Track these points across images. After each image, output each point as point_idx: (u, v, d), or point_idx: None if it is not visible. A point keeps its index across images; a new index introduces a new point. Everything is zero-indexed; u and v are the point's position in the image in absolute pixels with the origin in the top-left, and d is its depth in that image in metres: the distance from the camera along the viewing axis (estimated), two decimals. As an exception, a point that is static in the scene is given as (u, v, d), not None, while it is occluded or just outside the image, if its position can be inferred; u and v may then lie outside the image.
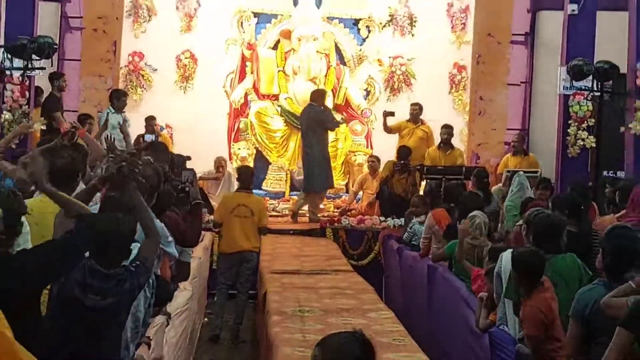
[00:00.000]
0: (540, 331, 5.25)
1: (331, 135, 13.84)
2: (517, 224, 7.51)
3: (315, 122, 13.03)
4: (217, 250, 10.34)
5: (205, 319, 10.13)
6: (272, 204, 13.54)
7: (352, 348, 3.10)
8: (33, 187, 5.54)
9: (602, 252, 4.86)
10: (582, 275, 5.74)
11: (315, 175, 12.88)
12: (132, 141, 10.83)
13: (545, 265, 5.52)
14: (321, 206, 13.30)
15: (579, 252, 6.01)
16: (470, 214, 7.84)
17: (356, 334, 3.18)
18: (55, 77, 12.30)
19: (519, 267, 5.42)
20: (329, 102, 14.24)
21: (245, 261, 9.85)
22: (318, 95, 13.27)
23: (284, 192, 14.35)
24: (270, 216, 12.45)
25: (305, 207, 13.13)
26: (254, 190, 11.09)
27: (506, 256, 6.18)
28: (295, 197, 13.63)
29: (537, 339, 5.29)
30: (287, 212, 13.32)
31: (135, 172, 4.70)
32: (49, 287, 4.27)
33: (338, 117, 14.19)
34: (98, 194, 5.19)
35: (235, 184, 11.34)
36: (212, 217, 10.57)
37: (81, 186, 5.46)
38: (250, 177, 10.61)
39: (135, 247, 4.53)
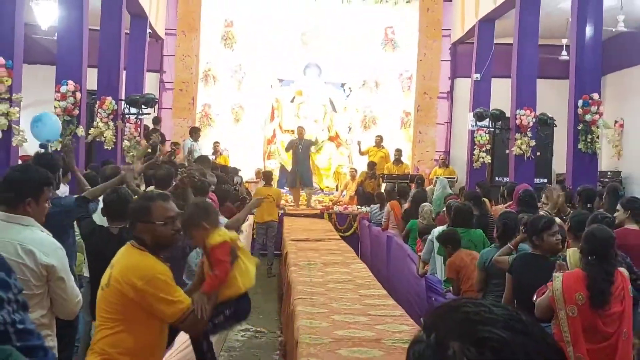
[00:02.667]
0: (454, 275, 5.28)
1: (328, 154, 13.86)
2: (442, 210, 7.51)
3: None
4: (254, 221, 10.34)
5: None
6: (289, 197, 13.52)
7: None
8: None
9: (496, 228, 4.88)
10: (484, 243, 5.73)
11: (303, 177, 12.88)
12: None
13: (462, 236, 5.55)
14: (320, 199, 13.29)
15: (480, 227, 6.01)
16: (423, 206, 7.84)
17: None
18: (156, 122, 12.28)
19: (445, 240, 5.45)
20: (325, 135, 14.39)
21: (270, 227, 10.20)
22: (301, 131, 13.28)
23: (297, 191, 14.34)
24: (289, 206, 12.56)
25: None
26: (279, 189, 11.29)
27: (436, 230, 6.19)
28: (303, 194, 13.63)
29: (452, 280, 5.33)
30: (300, 203, 13.29)
31: (190, 180, 4.68)
32: None
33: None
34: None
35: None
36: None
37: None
38: (270, 177, 10.94)
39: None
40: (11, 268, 1.51)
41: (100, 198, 4.26)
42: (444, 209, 7.22)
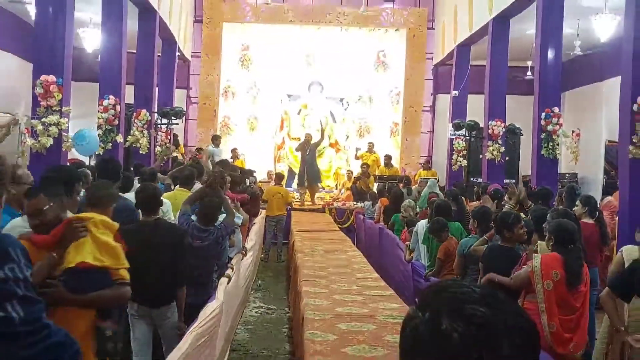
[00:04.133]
0: (444, 256, 5.26)
1: (328, 158, 13.86)
2: (425, 206, 7.48)
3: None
4: (265, 214, 10.26)
5: (262, 255, 10.06)
6: (297, 195, 13.45)
7: None
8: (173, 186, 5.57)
9: (473, 221, 4.86)
10: (462, 234, 5.72)
11: (309, 176, 12.75)
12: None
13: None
14: (322, 196, 13.27)
15: (458, 221, 5.99)
16: (404, 202, 7.80)
17: None
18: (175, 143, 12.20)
19: (438, 229, 5.42)
20: (326, 142, 14.26)
21: (280, 220, 10.13)
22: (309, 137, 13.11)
23: (304, 190, 14.30)
24: (295, 202, 12.46)
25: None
26: (287, 188, 11.24)
27: (420, 223, 6.16)
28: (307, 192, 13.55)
29: (440, 260, 5.31)
30: (304, 200, 13.21)
31: (222, 180, 4.67)
32: None
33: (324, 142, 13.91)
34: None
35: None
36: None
37: (197, 185, 5.45)
38: (281, 178, 10.92)
39: (221, 217, 4.50)
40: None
41: (133, 194, 4.26)
42: (426, 204, 7.22)
